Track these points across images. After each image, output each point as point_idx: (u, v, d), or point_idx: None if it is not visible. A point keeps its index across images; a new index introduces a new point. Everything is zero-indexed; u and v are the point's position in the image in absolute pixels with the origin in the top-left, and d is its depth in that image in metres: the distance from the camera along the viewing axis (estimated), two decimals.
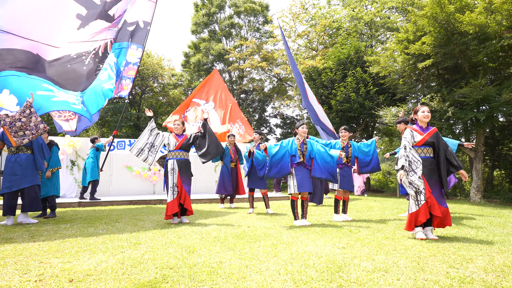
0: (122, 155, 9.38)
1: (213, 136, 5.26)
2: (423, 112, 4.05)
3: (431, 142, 3.98)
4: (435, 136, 4.00)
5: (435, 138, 3.99)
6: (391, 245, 3.47)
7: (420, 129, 4.05)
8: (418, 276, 2.48)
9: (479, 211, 6.78)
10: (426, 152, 4.00)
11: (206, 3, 22.85)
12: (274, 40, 19.21)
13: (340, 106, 13.12)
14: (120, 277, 2.45)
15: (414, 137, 4.03)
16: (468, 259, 2.94)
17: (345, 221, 5.29)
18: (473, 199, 9.50)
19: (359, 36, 16.43)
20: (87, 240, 3.68)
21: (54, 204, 5.68)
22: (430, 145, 4.01)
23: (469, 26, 8.27)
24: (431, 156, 4.00)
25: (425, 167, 3.93)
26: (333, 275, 2.50)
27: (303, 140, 4.94)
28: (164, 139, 5.12)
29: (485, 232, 4.28)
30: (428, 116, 4.05)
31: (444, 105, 9.03)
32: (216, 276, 2.48)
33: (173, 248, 3.30)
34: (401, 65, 10.46)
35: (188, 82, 23.16)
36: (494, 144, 11.72)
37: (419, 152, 4.02)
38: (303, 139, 4.95)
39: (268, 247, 3.39)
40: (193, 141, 5.19)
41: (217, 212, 6.53)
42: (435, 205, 3.82)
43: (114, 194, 9.16)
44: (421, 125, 4.07)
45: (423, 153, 4.00)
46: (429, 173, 3.90)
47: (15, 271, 2.56)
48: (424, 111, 4.06)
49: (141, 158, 5.02)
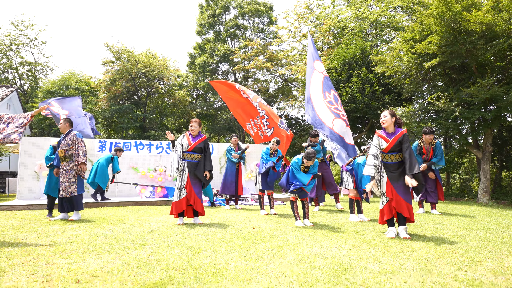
0: (128, 156, 9.44)
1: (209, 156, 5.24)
2: (380, 117, 4.07)
3: (397, 148, 3.96)
4: (400, 141, 3.95)
5: (400, 143, 3.95)
6: (398, 247, 3.43)
7: (386, 135, 4.02)
8: (425, 279, 2.45)
9: (487, 212, 6.68)
10: (393, 158, 3.98)
11: (211, 5, 22.93)
12: (279, 41, 19.18)
13: (346, 107, 13.04)
14: (126, 278, 2.46)
15: (381, 144, 4.03)
16: (477, 262, 2.90)
17: (362, 221, 5.32)
18: (481, 200, 9.38)
19: (364, 36, 16.34)
20: (93, 241, 3.71)
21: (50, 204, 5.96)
22: (397, 151, 3.99)
23: (476, 25, 8.17)
24: (398, 161, 4.00)
25: (390, 172, 3.96)
26: (339, 277, 2.48)
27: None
28: (179, 140, 5.11)
29: (493, 234, 4.22)
30: (384, 121, 4.01)
31: (451, 105, 8.93)
32: (222, 277, 2.48)
33: (178, 249, 3.30)
34: (407, 64, 10.37)
35: (193, 83, 23.25)
36: (502, 144, 11.56)
37: (386, 158, 4.01)
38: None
39: (274, 248, 3.38)
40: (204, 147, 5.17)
41: (222, 213, 6.54)
42: (402, 205, 3.90)
43: (120, 195, 9.21)
44: (387, 131, 4.05)
45: (390, 159, 4.00)
46: (395, 177, 3.96)
47: (22, 272, 2.59)
48: (381, 117, 4.07)
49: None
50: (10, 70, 23.15)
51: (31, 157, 8.49)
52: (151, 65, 19.56)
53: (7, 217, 5.72)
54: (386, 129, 4.05)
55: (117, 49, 19.89)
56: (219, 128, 22.14)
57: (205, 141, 5.14)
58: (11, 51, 22.65)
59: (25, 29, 22.75)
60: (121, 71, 19.47)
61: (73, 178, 5.39)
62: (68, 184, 5.35)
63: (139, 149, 9.69)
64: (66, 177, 5.36)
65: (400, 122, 4.06)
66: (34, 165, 8.50)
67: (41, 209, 7.09)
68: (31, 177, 8.49)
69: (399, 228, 4.02)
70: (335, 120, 9.33)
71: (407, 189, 3.99)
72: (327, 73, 14.09)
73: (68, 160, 5.40)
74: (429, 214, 6.25)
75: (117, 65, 20.00)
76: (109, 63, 20.28)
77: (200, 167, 5.06)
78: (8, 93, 15.48)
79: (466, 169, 14.80)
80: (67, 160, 5.40)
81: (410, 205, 3.97)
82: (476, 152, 9.87)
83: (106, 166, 7.85)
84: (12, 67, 22.92)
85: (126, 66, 19.30)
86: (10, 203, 7.23)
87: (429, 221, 5.30)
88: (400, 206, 3.91)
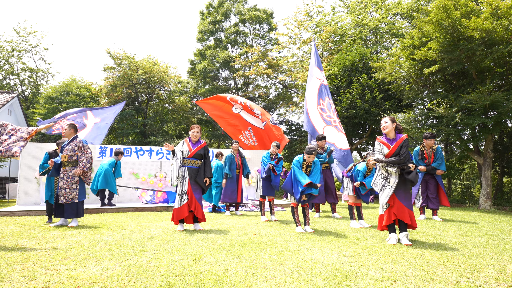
0: (128, 162, 9.43)
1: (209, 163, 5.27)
2: (381, 124, 4.11)
3: (398, 153, 3.99)
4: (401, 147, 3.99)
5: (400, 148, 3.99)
6: (399, 254, 3.41)
7: (387, 141, 4.05)
8: (427, 286, 2.43)
9: (489, 219, 6.65)
10: None
11: (212, 12, 23.14)
12: (279, 47, 19.31)
13: (346, 113, 13.08)
14: (126, 284, 2.44)
15: (382, 150, 4.05)
16: (479, 268, 2.87)
17: (363, 228, 5.30)
18: (483, 206, 9.34)
19: (364, 42, 16.44)
20: (93, 247, 3.69)
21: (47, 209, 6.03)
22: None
23: (476, 32, 8.23)
24: None
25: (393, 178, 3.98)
26: (340, 284, 2.46)
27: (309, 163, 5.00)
28: (179, 147, 5.10)
29: (495, 240, 4.20)
30: (385, 127, 4.05)
31: (451, 111, 8.94)
32: (222, 284, 2.46)
33: (178, 256, 3.28)
34: (407, 71, 10.42)
35: (194, 89, 23.35)
36: (503, 150, 11.55)
37: None
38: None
39: (274, 255, 3.36)
40: (205, 153, 5.17)
41: (222, 219, 6.51)
42: (404, 211, 3.90)
43: (120, 201, 9.19)
44: (388, 137, 4.09)
45: None
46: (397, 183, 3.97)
47: (22, 278, 2.57)
48: (381, 123, 4.11)
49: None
50: (12, 76, 23.26)
51: (31, 163, 8.49)
52: (152, 71, 19.66)
53: (7, 223, 5.70)
54: (387, 134, 4.07)
55: (118, 56, 20.02)
56: (219, 134, 22.17)
57: (205, 147, 5.15)
58: (13, 58, 22.79)
59: (27, 36, 22.92)
60: (122, 77, 19.56)
61: (74, 184, 5.37)
62: (69, 191, 5.32)
63: (139, 155, 9.69)
64: (68, 183, 5.33)
65: (400, 128, 4.08)
66: (34, 171, 8.50)
67: (41, 215, 7.07)
68: (31, 183, 8.48)
69: (400, 234, 4.00)
70: (326, 127, 9.67)
71: (409, 195, 3.99)
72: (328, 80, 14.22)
73: (71, 165, 5.39)
74: (431, 221, 6.22)
75: (118, 71, 20.10)
76: (110, 69, 20.39)
77: (200, 174, 5.05)
78: (9, 99, 15.54)
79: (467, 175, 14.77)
80: (69, 166, 5.38)
81: (411, 211, 3.96)
82: (477, 158, 9.85)
83: (111, 171, 7.95)
84: (13, 73, 23.04)
85: (127, 72, 19.41)
86: (10, 209, 7.21)
87: (430, 228, 5.28)
88: (401, 213, 3.90)
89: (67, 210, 5.34)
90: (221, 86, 22.75)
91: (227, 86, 23.05)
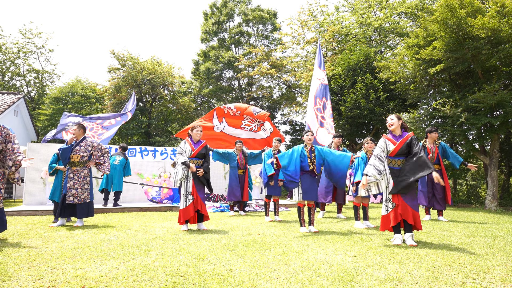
0: (132, 162, 9.48)
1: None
2: (387, 121, 4.07)
3: (404, 152, 3.94)
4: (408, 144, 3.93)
5: (408, 146, 3.93)
6: (404, 254, 3.39)
7: (393, 138, 4.02)
8: (432, 287, 2.41)
9: (495, 219, 6.59)
10: (400, 163, 3.97)
11: (216, 12, 23.18)
12: (282, 47, 19.29)
13: (350, 113, 13.03)
14: (131, 284, 2.46)
15: (388, 147, 4.01)
16: (485, 269, 2.85)
17: (367, 228, 5.28)
18: (489, 206, 9.25)
19: (368, 42, 16.37)
20: (98, 246, 3.72)
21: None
22: (403, 155, 3.96)
23: (481, 30, 8.15)
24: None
25: (396, 177, 3.93)
26: (345, 285, 2.45)
27: (311, 148, 4.93)
28: (182, 146, 5.11)
29: (502, 241, 4.16)
30: (391, 124, 4.02)
31: (456, 111, 8.87)
32: (226, 284, 2.47)
33: (183, 255, 3.29)
34: (412, 70, 10.35)
35: (197, 89, 23.41)
36: (510, 150, 11.43)
37: (393, 163, 3.99)
38: (311, 146, 4.93)
39: (279, 255, 3.35)
40: (206, 152, 5.19)
41: (226, 219, 6.52)
42: (408, 212, 3.86)
43: (125, 201, 9.24)
44: (394, 134, 4.06)
45: (397, 164, 3.97)
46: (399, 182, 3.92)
47: (28, 277, 2.60)
48: (387, 120, 4.07)
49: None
50: (18, 77, 23.50)
51: (37, 163, 8.57)
52: (156, 72, 19.75)
53: (13, 222, 5.76)
54: (393, 131, 4.05)
55: (122, 57, 20.13)
56: None
57: (206, 147, 5.19)
58: (19, 59, 23.02)
59: (32, 37, 23.14)
60: (127, 78, 19.68)
61: (86, 184, 5.39)
62: (81, 191, 5.35)
63: (144, 155, 9.74)
64: (79, 183, 5.34)
65: (405, 125, 4.06)
66: (40, 171, 8.57)
67: (47, 214, 7.13)
68: (38, 183, 8.56)
69: (405, 235, 3.98)
70: (319, 129, 9.76)
71: (414, 195, 3.95)
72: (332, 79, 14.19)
73: (82, 166, 5.41)
74: (436, 221, 6.18)
75: (123, 72, 20.22)
76: (114, 70, 20.51)
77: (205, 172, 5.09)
78: (15, 100, 15.69)
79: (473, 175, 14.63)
80: (80, 166, 5.39)
81: (416, 212, 3.92)
82: (483, 158, 9.76)
83: (123, 171, 8.11)
84: (19, 74, 23.27)
85: (131, 73, 19.51)
86: (16, 209, 7.29)
87: (436, 228, 5.24)
88: (405, 213, 3.87)
89: (79, 211, 5.34)
90: (225, 86, 22.78)
91: (231, 87, 23.08)
